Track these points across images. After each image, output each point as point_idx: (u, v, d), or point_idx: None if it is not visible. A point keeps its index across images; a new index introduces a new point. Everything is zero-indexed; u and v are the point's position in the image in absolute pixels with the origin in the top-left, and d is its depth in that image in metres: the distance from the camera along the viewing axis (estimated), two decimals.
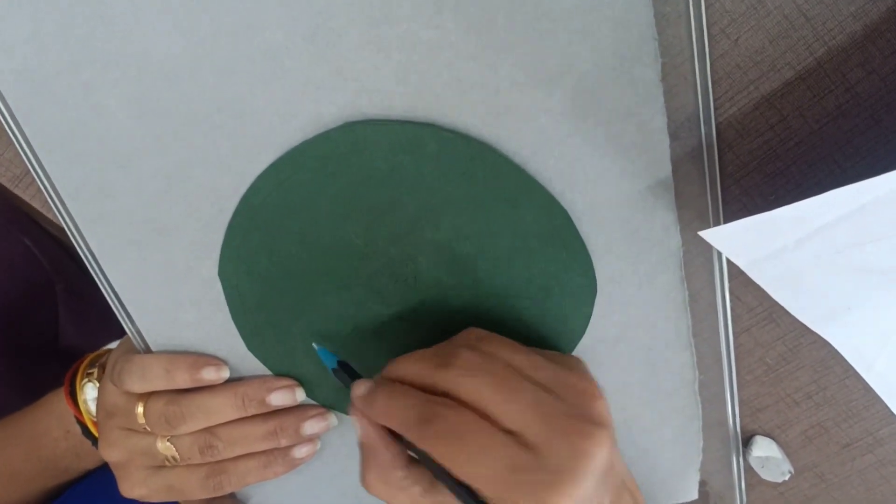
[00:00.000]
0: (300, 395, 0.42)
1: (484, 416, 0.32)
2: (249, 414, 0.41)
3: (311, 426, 0.43)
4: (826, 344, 0.38)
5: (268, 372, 0.42)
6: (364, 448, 0.36)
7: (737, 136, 0.35)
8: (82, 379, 0.48)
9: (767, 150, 0.35)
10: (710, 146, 0.35)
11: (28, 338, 0.70)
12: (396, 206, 0.36)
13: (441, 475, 0.33)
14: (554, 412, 0.32)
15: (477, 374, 0.33)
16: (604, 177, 0.35)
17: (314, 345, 0.41)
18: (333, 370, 0.40)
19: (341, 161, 0.35)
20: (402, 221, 0.37)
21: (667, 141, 0.34)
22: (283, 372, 0.42)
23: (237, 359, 0.42)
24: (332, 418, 0.44)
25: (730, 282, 0.38)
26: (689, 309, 0.39)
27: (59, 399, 0.50)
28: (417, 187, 0.36)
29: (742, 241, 0.32)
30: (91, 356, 0.49)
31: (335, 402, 0.43)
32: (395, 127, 0.35)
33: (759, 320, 0.40)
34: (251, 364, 0.42)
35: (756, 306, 0.40)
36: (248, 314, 0.40)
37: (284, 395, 0.42)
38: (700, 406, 0.42)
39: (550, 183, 0.35)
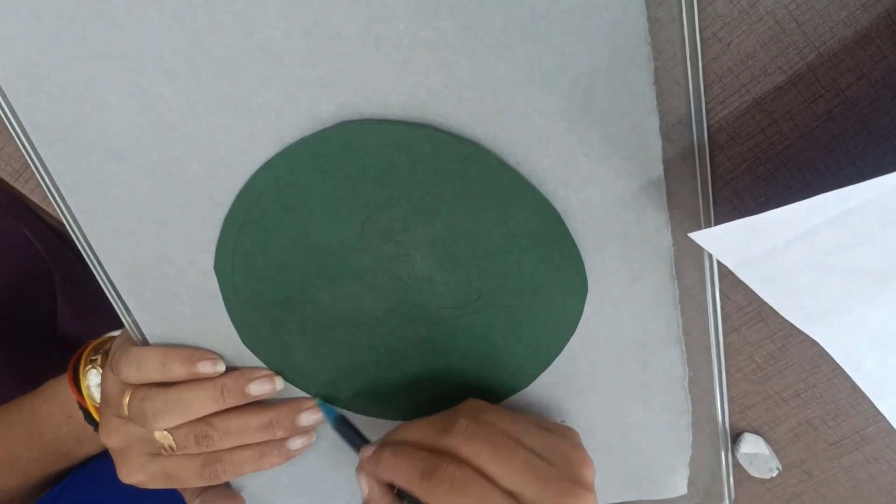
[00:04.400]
0: (279, 384, 0.43)
1: (483, 476, 0.35)
2: (228, 405, 0.42)
3: (306, 418, 0.44)
4: (814, 343, 0.38)
5: (263, 366, 0.43)
6: None
7: (728, 138, 0.36)
8: (86, 365, 0.48)
9: (758, 152, 0.36)
10: (701, 148, 0.35)
11: (25, 326, 0.70)
12: (391, 203, 0.37)
13: None
14: (546, 475, 0.35)
15: (475, 440, 0.36)
16: (597, 176, 0.36)
17: (316, 400, 0.43)
18: (334, 426, 0.42)
19: (337, 159, 0.36)
20: (396, 219, 0.37)
21: (659, 142, 0.34)
22: (277, 365, 0.43)
23: (233, 353, 0.42)
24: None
25: (720, 281, 0.39)
26: (679, 307, 0.39)
27: (61, 385, 0.51)
28: (411, 186, 0.36)
29: (731, 242, 0.33)
30: (94, 343, 0.50)
31: (330, 395, 0.44)
32: (390, 127, 0.35)
33: (748, 319, 0.41)
34: (247, 358, 0.43)
35: (745, 305, 0.40)
36: (243, 308, 0.41)
37: (263, 385, 0.43)
38: (690, 402, 0.43)
39: (544, 182, 0.36)
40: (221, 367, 0.42)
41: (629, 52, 0.33)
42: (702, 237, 0.33)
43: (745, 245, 0.33)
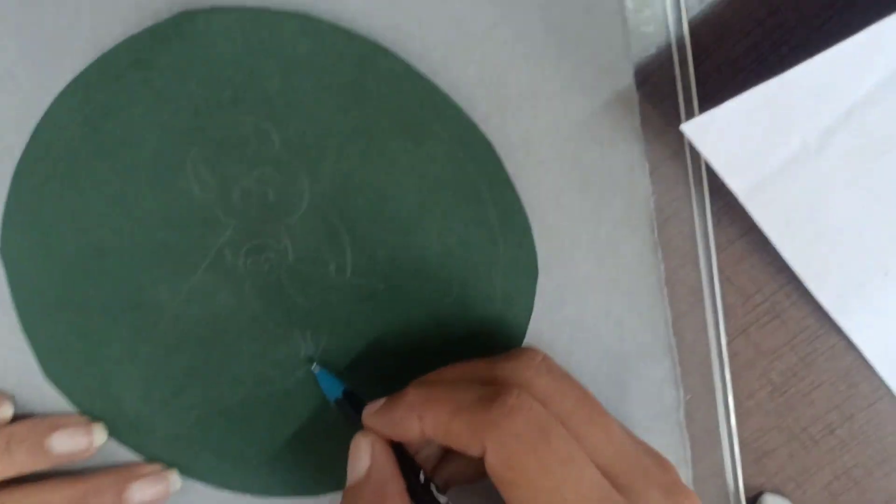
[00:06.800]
0: (98, 438, 0.29)
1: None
2: (20, 470, 0.28)
3: (139, 491, 0.30)
4: (849, 347, 0.28)
5: (71, 410, 0.30)
6: (360, 487, 0.25)
7: (714, 38, 0.26)
8: None
9: (756, 56, 0.27)
10: (681, 49, 0.26)
11: None
12: (255, 137, 0.26)
13: None
14: (648, 466, 0.24)
15: (554, 374, 0.24)
16: (544, 91, 0.26)
17: (314, 368, 0.28)
18: (336, 401, 0.28)
19: (174, 71, 0.25)
20: (264, 161, 0.26)
21: (624, 33, 0.25)
22: (96, 409, 0.30)
23: (30, 390, 0.29)
24: (174, 479, 0.31)
25: (717, 254, 0.28)
26: (666, 293, 0.28)
27: None
28: (284, 110, 0.26)
29: (742, 138, 0.22)
30: None
31: (176, 457, 0.30)
32: (250, 16, 0.25)
33: (759, 315, 0.30)
34: (50, 399, 0.29)
35: (754, 293, 0.29)
36: (45, 317, 0.28)
37: (74, 438, 0.29)
38: (689, 446, 0.30)
39: (470, 102, 0.26)
40: (8, 411, 0.29)
41: None
42: (695, 128, 0.22)
43: (763, 142, 0.23)
